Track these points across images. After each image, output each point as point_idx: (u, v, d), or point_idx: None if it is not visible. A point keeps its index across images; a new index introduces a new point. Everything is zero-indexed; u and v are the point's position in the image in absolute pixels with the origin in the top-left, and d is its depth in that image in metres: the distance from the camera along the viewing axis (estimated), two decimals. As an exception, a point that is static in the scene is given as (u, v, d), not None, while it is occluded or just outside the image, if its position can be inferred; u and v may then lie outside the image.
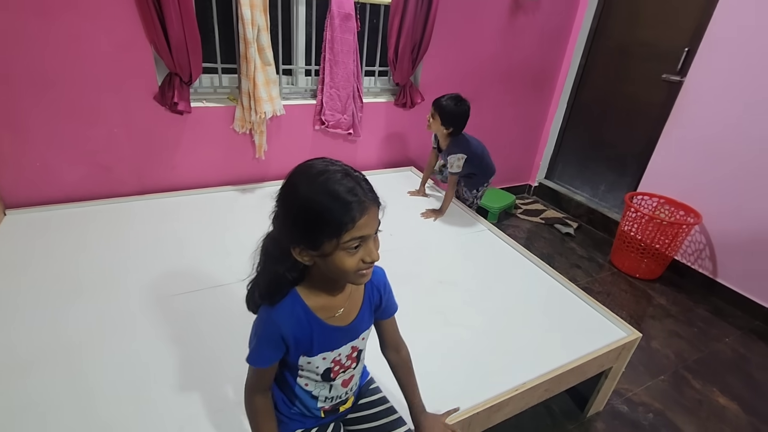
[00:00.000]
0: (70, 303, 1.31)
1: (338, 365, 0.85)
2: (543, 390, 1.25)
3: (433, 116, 1.94)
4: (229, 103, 2.03)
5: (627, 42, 2.65)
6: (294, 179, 0.71)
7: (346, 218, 0.67)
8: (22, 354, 1.13)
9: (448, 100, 1.91)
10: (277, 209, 0.72)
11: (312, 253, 0.71)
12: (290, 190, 0.70)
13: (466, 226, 2.02)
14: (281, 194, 0.72)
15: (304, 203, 0.68)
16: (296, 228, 0.70)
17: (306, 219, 0.68)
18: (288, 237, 0.71)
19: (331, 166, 0.71)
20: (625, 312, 2.13)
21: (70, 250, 1.55)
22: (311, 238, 0.69)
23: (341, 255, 0.69)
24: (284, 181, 0.72)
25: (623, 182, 2.82)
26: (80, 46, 1.65)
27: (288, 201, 0.71)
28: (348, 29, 2.07)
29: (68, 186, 1.84)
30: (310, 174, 0.69)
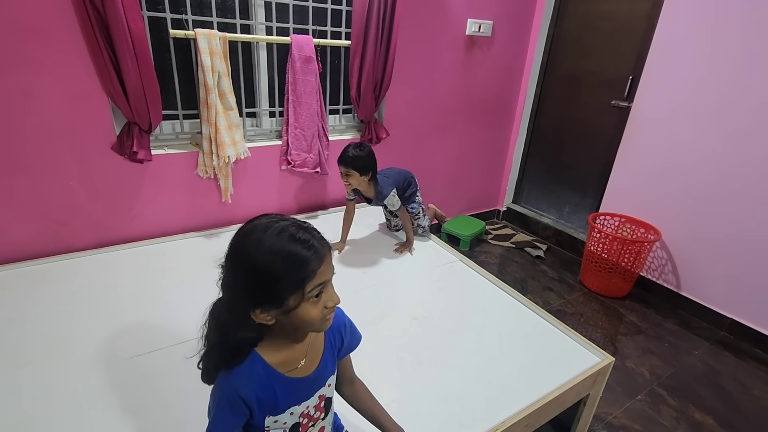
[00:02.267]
0: (15, 374, 1.21)
1: (306, 418, 0.82)
2: (524, 426, 1.23)
3: (348, 175, 1.83)
4: (191, 149, 2.00)
5: (577, 71, 2.81)
6: (244, 242, 0.70)
7: (307, 270, 0.68)
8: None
9: (353, 151, 1.82)
10: (229, 275, 0.71)
11: (275, 312, 0.70)
12: (243, 253, 0.69)
13: (438, 259, 2.03)
14: (233, 260, 0.70)
15: (263, 264, 0.67)
16: (257, 290, 0.69)
17: (267, 279, 0.67)
18: (247, 301, 0.70)
19: (278, 222, 0.71)
20: (599, 332, 2.17)
21: (17, 313, 1.45)
22: (274, 297, 0.69)
23: (306, 306, 0.70)
24: (232, 246, 0.71)
25: (586, 203, 2.92)
26: (31, 100, 1.60)
27: (243, 265, 0.69)
28: (310, 71, 2.11)
29: (17, 244, 1.74)
30: (261, 234, 0.69)
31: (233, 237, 0.72)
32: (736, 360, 2.05)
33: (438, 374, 1.34)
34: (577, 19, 2.76)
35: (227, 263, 0.71)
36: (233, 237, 0.72)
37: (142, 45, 1.66)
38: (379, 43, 2.19)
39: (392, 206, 1.97)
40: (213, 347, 0.74)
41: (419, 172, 2.80)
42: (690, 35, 2.16)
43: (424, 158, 2.80)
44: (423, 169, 2.82)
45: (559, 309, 2.32)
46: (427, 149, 2.78)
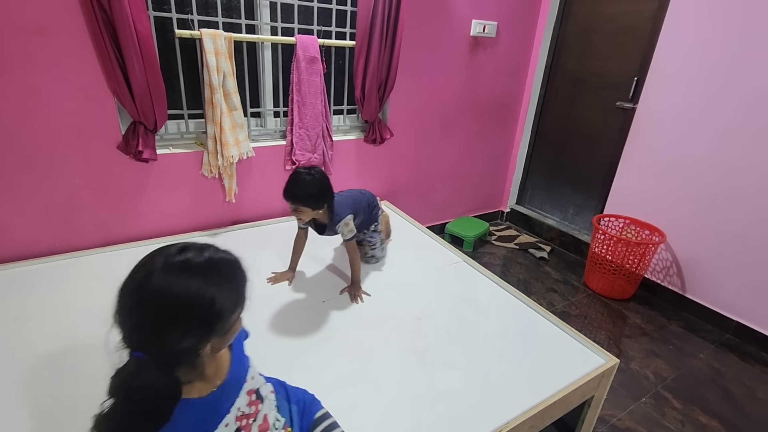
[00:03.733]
0: (22, 371, 1.22)
1: (244, 419, 0.78)
2: (528, 427, 1.23)
3: (299, 211, 1.52)
4: (196, 148, 2.01)
5: (581, 73, 2.80)
6: (187, 278, 0.64)
7: (247, 284, 0.72)
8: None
9: (302, 185, 1.49)
10: (168, 323, 0.63)
11: (217, 338, 0.69)
12: (194, 289, 0.64)
13: (442, 260, 2.03)
14: (177, 304, 0.63)
15: (221, 289, 0.66)
16: (216, 318, 0.66)
17: (225, 302, 0.67)
18: (197, 340, 0.65)
19: (198, 248, 0.70)
20: (603, 334, 2.16)
21: (23, 311, 1.45)
22: (222, 323, 0.68)
23: (240, 320, 0.74)
24: (153, 298, 0.63)
25: (590, 205, 2.91)
26: (38, 99, 1.61)
27: (198, 301, 0.64)
28: (314, 71, 2.11)
29: (24, 242, 1.75)
30: (198, 264, 0.66)
31: (143, 285, 0.64)
32: (742, 363, 2.03)
33: (442, 375, 1.33)
34: (582, 21, 2.75)
35: (168, 307, 0.63)
36: (143, 285, 0.64)
37: (148, 45, 1.67)
38: (384, 43, 2.19)
39: (343, 235, 1.64)
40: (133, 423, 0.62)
41: (423, 173, 2.82)
42: (696, 36, 2.15)
43: (428, 159, 2.80)
44: (427, 170, 2.83)
45: (563, 311, 2.31)
46: (430, 150, 2.78)
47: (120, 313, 0.64)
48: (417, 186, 2.83)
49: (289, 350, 1.23)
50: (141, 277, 0.65)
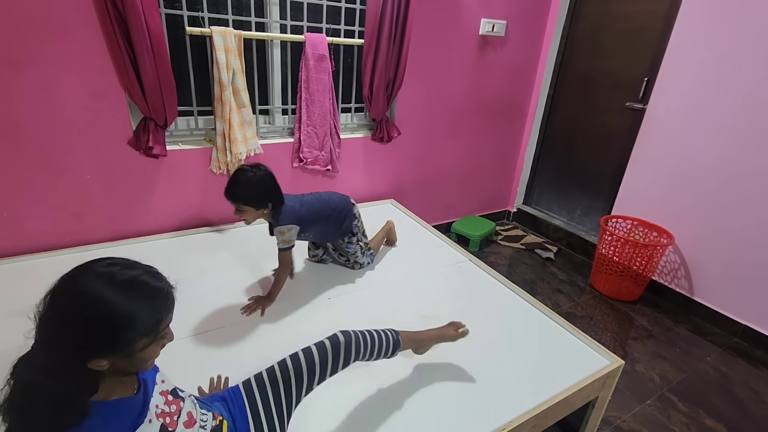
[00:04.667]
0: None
1: (165, 416, 0.78)
2: (531, 426, 1.23)
3: (242, 211, 1.46)
4: (205, 145, 2.03)
5: (591, 73, 2.78)
6: (92, 286, 0.65)
7: (163, 311, 0.70)
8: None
9: (243, 183, 1.43)
10: (60, 324, 0.64)
11: (116, 357, 0.67)
12: (92, 297, 0.64)
13: (447, 259, 2.03)
14: (71, 305, 0.64)
15: (119, 308, 0.65)
16: (103, 337, 0.65)
17: (119, 324, 0.65)
18: (87, 351, 0.64)
19: (126, 266, 0.70)
20: (609, 335, 2.15)
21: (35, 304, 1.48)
22: (123, 342, 0.66)
23: (153, 347, 0.71)
24: (69, 292, 0.65)
25: (598, 206, 2.90)
26: (51, 95, 1.64)
27: (91, 311, 0.64)
28: (323, 69, 2.12)
29: (37, 236, 1.78)
30: (112, 277, 0.66)
31: (65, 283, 0.66)
32: (749, 367, 2.01)
33: (446, 373, 1.34)
34: (592, 20, 2.73)
35: (59, 310, 0.64)
36: (65, 283, 0.66)
37: (160, 42, 1.69)
38: (392, 42, 2.19)
39: (277, 243, 1.54)
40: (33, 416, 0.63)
41: (430, 171, 2.82)
42: (708, 36, 2.13)
43: (435, 157, 2.80)
44: (433, 169, 2.83)
45: (568, 311, 2.31)
46: (438, 149, 2.78)
47: (40, 303, 0.66)
48: (423, 185, 2.83)
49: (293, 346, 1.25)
50: (66, 275, 0.67)
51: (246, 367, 1.17)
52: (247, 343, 1.40)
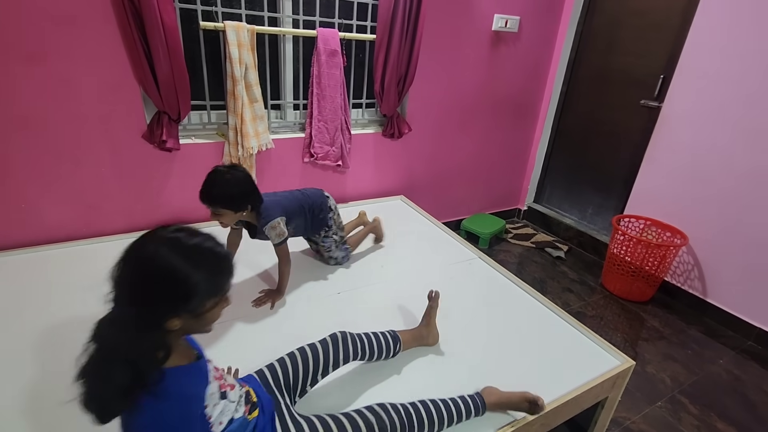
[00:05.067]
0: (50, 348, 1.27)
1: (218, 378, 0.85)
2: (539, 425, 1.23)
3: (219, 214, 1.39)
4: (218, 139, 2.05)
5: (605, 69, 2.74)
6: (169, 250, 0.70)
7: (231, 274, 0.77)
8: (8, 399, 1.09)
9: (220, 185, 1.36)
10: (141, 286, 0.69)
11: (188, 317, 0.73)
12: (170, 261, 0.69)
13: (457, 256, 2.03)
14: (154, 268, 0.69)
15: (196, 270, 0.71)
16: (180, 298, 0.71)
17: (193, 285, 0.71)
18: (164, 311, 0.70)
19: (196, 233, 0.75)
20: (619, 335, 2.13)
21: (56, 291, 1.52)
22: (195, 303, 0.72)
23: (217, 309, 0.78)
24: (150, 255, 0.70)
25: (610, 205, 2.86)
26: (68, 88, 1.66)
27: (169, 273, 0.69)
28: (334, 65, 2.12)
29: (54, 226, 1.82)
30: (189, 243, 0.73)
31: (138, 249, 0.71)
32: (763, 371, 1.98)
33: (454, 370, 1.34)
34: (608, 16, 2.69)
35: (142, 273, 0.69)
36: (138, 249, 0.71)
37: (174, 36, 1.70)
38: (404, 37, 2.18)
39: (271, 240, 1.52)
40: (112, 376, 0.66)
41: (440, 168, 2.81)
42: (727, 33, 2.08)
43: (446, 154, 2.79)
44: (444, 165, 2.82)
45: (578, 311, 2.29)
46: (448, 145, 2.77)
47: (114, 270, 0.70)
48: (434, 181, 2.82)
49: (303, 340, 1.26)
50: (137, 243, 0.72)
51: (255, 359, 1.18)
52: (258, 335, 1.42)
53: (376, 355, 1.24)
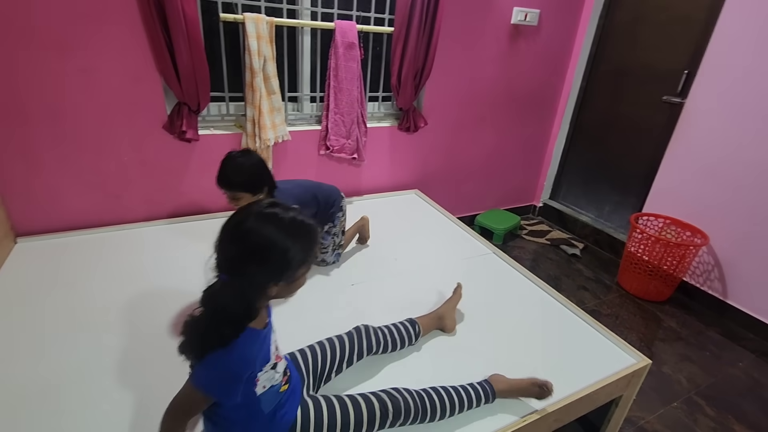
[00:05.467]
0: (78, 330, 1.32)
1: (275, 345, 0.93)
2: (552, 420, 1.22)
3: (237, 198, 1.41)
4: (235, 131, 2.07)
5: (626, 65, 2.69)
6: (273, 225, 0.79)
7: (315, 245, 0.85)
8: (15, 387, 1.13)
9: (237, 169, 1.40)
10: (249, 258, 0.78)
11: (284, 284, 0.83)
12: (275, 234, 0.78)
13: (471, 251, 2.02)
14: (263, 240, 0.78)
15: (295, 241, 0.80)
16: (281, 267, 0.80)
17: (292, 255, 0.80)
18: (268, 279, 0.80)
19: (288, 207, 0.84)
20: (635, 335, 2.10)
21: (79, 277, 1.56)
22: (292, 271, 0.82)
23: (304, 277, 0.87)
24: (259, 229, 0.78)
25: (628, 203, 2.81)
26: (93, 79, 1.70)
27: (275, 244, 0.78)
28: (352, 57, 2.12)
29: (78, 214, 1.87)
30: (286, 217, 0.81)
31: (240, 224, 0.79)
32: (785, 375, 1.93)
33: (467, 363, 1.34)
34: (631, 9, 2.62)
35: (252, 245, 0.77)
36: (240, 224, 0.79)
37: (195, 28, 1.72)
38: (422, 30, 2.17)
39: None
40: (210, 329, 0.77)
41: (455, 163, 2.80)
42: (756, 28, 2.01)
43: (461, 149, 2.77)
44: (459, 160, 2.80)
45: (593, 309, 2.26)
46: (464, 140, 2.75)
47: (218, 244, 0.79)
48: (448, 176, 2.81)
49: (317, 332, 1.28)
50: (238, 219, 0.80)
51: (272, 346, 1.20)
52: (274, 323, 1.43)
53: (398, 346, 1.30)
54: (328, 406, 0.99)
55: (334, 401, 1.01)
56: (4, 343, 1.25)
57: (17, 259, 1.64)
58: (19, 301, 1.42)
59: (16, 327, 1.31)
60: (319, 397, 1.02)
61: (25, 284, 1.50)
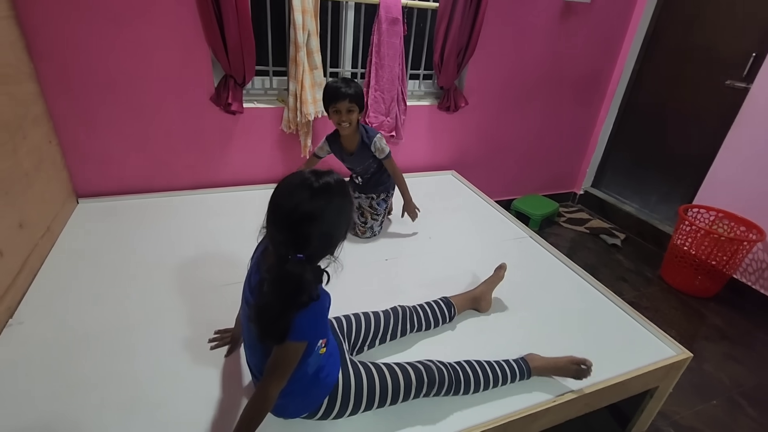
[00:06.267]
0: (130, 287, 1.42)
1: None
2: (583, 404, 1.21)
3: (351, 112, 1.58)
4: (278, 105, 2.12)
5: (686, 46, 2.51)
6: (341, 194, 0.86)
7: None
8: (83, 331, 1.23)
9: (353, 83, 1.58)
10: (338, 219, 0.86)
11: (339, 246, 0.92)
12: (345, 200, 0.87)
13: (506, 234, 1.99)
14: (347, 205, 0.88)
15: (352, 212, 0.93)
16: (343, 235, 0.90)
17: (350, 219, 0.91)
18: (341, 235, 0.90)
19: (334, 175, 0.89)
20: (675, 330, 2.02)
21: (132, 236, 1.68)
22: (345, 233, 0.92)
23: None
24: (343, 196, 0.86)
25: (677, 193, 2.67)
26: (147, 50, 1.77)
27: (346, 209, 0.88)
28: (395, 33, 2.10)
29: (132, 179, 1.98)
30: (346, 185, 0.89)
31: (338, 189, 0.85)
32: (841, 383, 1.81)
33: (498, 344, 1.33)
34: (697, -15, 2.44)
35: (335, 210, 0.84)
36: (338, 189, 0.85)
37: (243, 1, 1.75)
38: (468, 6, 2.11)
39: (381, 152, 1.70)
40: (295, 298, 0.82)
41: (495, 145, 2.74)
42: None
43: (502, 131, 2.70)
44: (499, 142, 2.74)
45: (632, 301, 2.18)
46: (505, 122, 2.68)
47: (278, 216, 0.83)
48: (487, 158, 2.76)
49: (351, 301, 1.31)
50: (288, 191, 0.83)
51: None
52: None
53: (432, 326, 1.33)
54: (366, 373, 1.03)
55: (372, 368, 1.05)
56: (70, 293, 1.37)
57: (79, 218, 1.77)
58: (81, 255, 1.55)
59: (79, 279, 1.43)
60: (358, 363, 1.06)
61: (84, 242, 1.63)
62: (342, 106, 1.57)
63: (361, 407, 1.02)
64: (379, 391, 1.02)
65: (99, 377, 1.10)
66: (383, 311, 1.27)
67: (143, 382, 1.10)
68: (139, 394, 1.06)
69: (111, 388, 1.07)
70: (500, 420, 1.07)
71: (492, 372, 1.13)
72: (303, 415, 1.00)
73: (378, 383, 1.02)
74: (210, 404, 1.05)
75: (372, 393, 1.01)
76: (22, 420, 0.98)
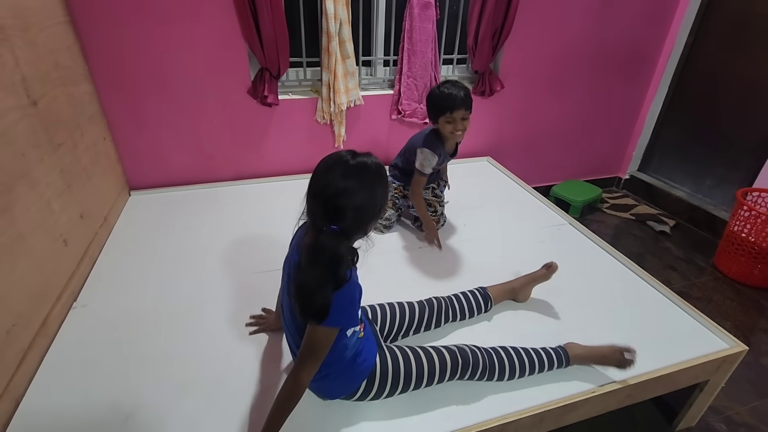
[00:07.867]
0: (180, 272, 1.51)
1: None
2: (624, 395, 1.17)
3: (466, 119, 1.55)
4: (311, 95, 2.15)
5: (749, 13, 2.30)
6: (377, 174, 0.90)
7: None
8: (140, 312, 1.33)
9: (456, 85, 1.55)
10: (375, 196, 0.89)
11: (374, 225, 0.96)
12: (380, 181, 0.90)
13: (545, 220, 1.93)
14: (383, 186, 0.91)
15: (385, 189, 0.93)
16: (379, 212, 0.92)
17: (385, 199, 0.94)
18: (374, 215, 0.91)
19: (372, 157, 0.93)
20: (729, 322, 1.90)
21: (181, 226, 1.78)
22: (377, 218, 0.94)
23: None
24: (370, 178, 0.88)
25: (735, 177, 2.48)
26: (190, 48, 1.85)
27: (379, 189, 0.90)
28: (427, 18, 2.06)
29: (178, 171, 2.09)
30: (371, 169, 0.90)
31: (373, 169, 0.88)
32: None
33: (535, 332, 1.31)
34: (761, -54, 2.21)
35: (380, 188, 0.89)
36: (373, 169, 0.88)
37: (277, -7, 1.78)
38: (504, -16, 2.03)
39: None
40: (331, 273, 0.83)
41: (532, 128, 2.65)
42: None
43: (540, 114, 2.61)
44: (537, 126, 2.65)
45: (681, 291, 2.07)
46: (543, 105, 2.58)
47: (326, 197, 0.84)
48: (524, 143, 2.67)
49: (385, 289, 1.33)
50: (327, 175, 0.85)
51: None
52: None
53: (467, 317, 1.32)
54: (403, 356, 1.05)
55: (408, 351, 1.07)
56: (126, 278, 1.47)
57: (131, 209, 1.89)
58: (135, 243, 1.66)
59: (133, 265, 1.54)
60: (394, 347, 1.08)
61: (137, 231, 1.74)
62: (458, 115, 1.51)
63: (398, 389, 1.04)
64: (415, 373, 1.04)
65: (155, 354, 1.18)
66: (418, 302, 1.26)
67: (194, 358, 1.17)
68: (190, 370, 1.14)
69: (165, 364, 1.15)
70: (537, 408, 1.06)
71: (528, 358, 1.12)
72: (341, 396, 1.03)
73: (414, 366, 1.04)
74: (252, 381, 1.11)
75: (409, 375, 1.03)
76: (89, 393, 1.08)
